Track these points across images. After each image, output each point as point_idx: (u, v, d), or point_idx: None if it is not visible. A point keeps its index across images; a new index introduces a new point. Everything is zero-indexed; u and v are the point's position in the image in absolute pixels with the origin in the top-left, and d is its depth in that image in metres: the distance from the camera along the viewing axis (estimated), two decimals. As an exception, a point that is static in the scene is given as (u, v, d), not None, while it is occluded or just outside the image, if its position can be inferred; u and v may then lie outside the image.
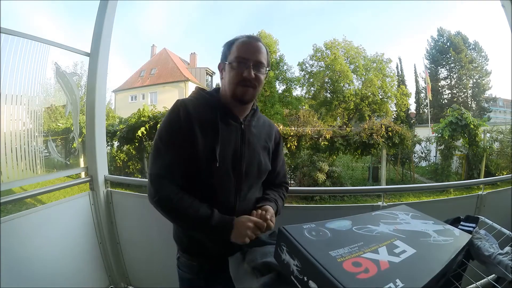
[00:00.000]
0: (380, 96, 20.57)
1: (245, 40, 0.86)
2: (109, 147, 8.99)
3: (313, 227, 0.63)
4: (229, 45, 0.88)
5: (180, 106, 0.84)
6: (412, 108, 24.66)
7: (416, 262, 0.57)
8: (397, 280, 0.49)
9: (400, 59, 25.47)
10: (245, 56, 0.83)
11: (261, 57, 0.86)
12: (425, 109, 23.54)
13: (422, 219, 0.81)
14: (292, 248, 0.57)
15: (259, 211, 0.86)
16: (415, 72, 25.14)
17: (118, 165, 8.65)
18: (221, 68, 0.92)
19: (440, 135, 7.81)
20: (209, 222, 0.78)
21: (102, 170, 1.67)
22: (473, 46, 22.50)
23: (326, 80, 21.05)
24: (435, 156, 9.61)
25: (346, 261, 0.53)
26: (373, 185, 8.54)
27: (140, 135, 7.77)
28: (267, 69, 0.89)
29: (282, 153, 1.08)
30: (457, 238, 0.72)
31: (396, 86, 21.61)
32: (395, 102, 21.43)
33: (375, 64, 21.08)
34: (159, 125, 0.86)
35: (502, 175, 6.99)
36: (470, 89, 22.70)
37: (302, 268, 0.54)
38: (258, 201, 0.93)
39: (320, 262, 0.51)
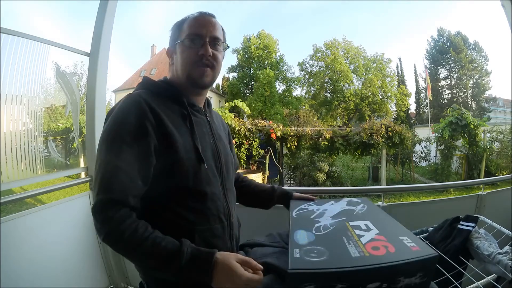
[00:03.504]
0: (380, 96, 20.62)
1: (197, 16, 0.75)
2: (109, 147, 8.98)
3: (303, 252, 0.56)
4: (179, 25, 0.77)
5: (140, 102, 0.66)
6: (412, 108, 24.75)
7: (383, 223, 0.66)
8: (403, 237, 0.58)
9: (400, 59, 25.47)
10: (199, 32, 0.73)
11: (217, 33, 0.75)
12: (425, 109, 23.53)
13: (324, 203, 0.84)
14: (324, 278, 0.52)
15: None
16: (415, 72, 25.18)
17: (118, 165, 8.65)
18: (170, 52, 0.79)
19: (440, 135, 7.80)
20: (179, 258, 0.57)
21: (102, 170, 1.66)
22: (473, 46, 22.51)
23: (326, 80, 21.11)
24: (435, 156, 9.61)
25: (365, 249, 0.55)
26: (373, 185, 8.53)
27: (140, 135, 7.76)
28: (225, 46, 0.78)
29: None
30: (365, 202, 0.83)
31: (396, 86, 21.67)
32: (395, 102, 21.49)
33: (375, 64, 21.13)
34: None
35: (502, 175, 7.00)
36: (470, 89, 22.71)
37: (350, 284, 0.52)
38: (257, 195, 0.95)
39: (361, 264, 0.51)
